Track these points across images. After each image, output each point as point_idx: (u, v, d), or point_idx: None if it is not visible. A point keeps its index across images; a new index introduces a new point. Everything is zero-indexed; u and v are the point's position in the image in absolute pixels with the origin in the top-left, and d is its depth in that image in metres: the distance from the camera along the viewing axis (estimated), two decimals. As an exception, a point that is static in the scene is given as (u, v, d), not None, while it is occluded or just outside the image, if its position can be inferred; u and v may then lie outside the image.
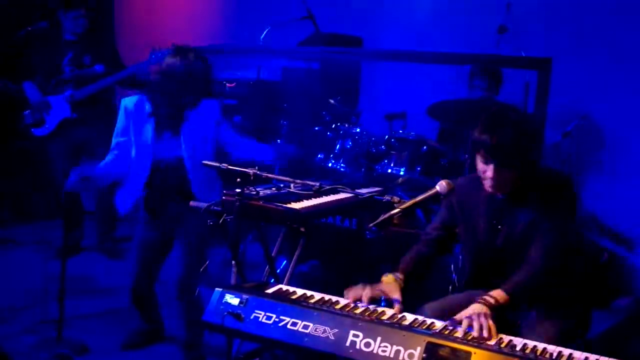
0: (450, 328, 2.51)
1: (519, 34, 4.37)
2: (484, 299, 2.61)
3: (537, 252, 2.74)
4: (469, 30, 5.34)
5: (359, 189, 3.70)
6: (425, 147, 4.61)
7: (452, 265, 3.99)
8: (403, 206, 2.59)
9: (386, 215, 2.58)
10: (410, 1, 5.83)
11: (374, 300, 2.70)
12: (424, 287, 3.67)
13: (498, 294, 2.64)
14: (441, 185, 2.69)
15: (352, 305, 2.67)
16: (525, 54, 4.28)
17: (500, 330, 2.50)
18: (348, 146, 4.75)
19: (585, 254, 4.51)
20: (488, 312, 2.54)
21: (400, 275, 2.83)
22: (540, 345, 2.38)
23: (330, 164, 4.74)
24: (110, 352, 3.95)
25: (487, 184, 2.76)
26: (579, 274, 2.99)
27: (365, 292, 2.69)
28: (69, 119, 5.18)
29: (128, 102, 3.73)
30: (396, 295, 2.72)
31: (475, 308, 2.57)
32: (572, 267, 2.87)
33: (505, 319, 2.67)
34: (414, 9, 5.78)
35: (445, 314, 2.69)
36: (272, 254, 3.61)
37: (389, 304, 2.72)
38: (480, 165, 2.75)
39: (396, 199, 2.61)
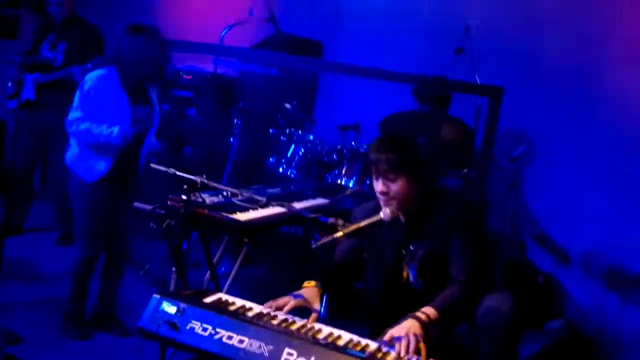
0: (384, 350, 2.57)
1: (475, 56, 4.44)
2: (416, 315, 2.69)
3: (459, 270, 2.87)
4: (427, 48, 5.40)
5: (306, 199, 3.73)
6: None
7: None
8: (346, 230, 2.64)
9: (329, 238, 2.63)
10: (372, 13, 5.85)
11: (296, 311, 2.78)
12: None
13: (429, 310, 2.74)
14: (385, 213, 2.76)
15: (289, 320, 2.70)
16: (479, 79, 4.36)
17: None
18: (300, 153, 4.75)
19: (523, 276, 4.65)
20: (419, 330, 2.62)
21: (319, 283, 2.93)
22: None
23: (281, 169, 4.73)
24: (46, 344, 3.87)
25: (382, 201, 2.90)
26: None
27: (288, 305, 2.75)
28: (31, 101, 5.25)
29: (94, 76, 3.77)
30: (315, 304, 2.83)
31: (407, 325, 2.64)
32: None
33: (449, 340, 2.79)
34: (375, 21, 5.82)
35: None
36: (215, 259, 3.62)
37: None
38: (374, 184, 2.91)
39: (340, 222, 2.67)
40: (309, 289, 2.89)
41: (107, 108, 3.73)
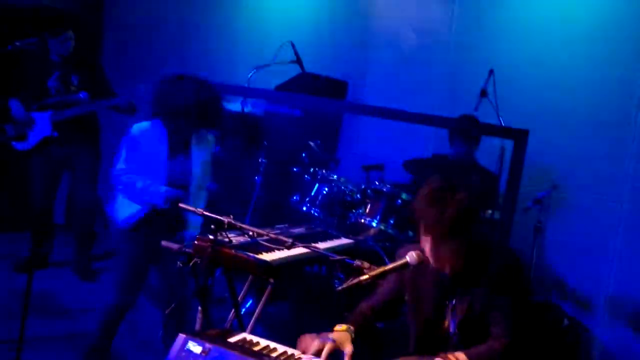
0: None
1: (499, 99, 4.46)
2: (447, 357, 2.66)
3: (500, 332, 2.81)
4: (451, 89, 5.45)
5: (331, 239, 3.76)
6: (399, 201, 4.67)
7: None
8: (372, 274, 2.64)
9: (354, 281, 2.64)
10: (396, 54, 5.92)
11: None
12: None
13: (460, 355, 2.69)
14: (411, 257, 2.74)
15: (313, 362, 2.71)
16: (503, 121, 4.38)
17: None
18: (324, 192, 4.79)
19: (547, 319, 4.60)
20: None
21: (352, 327, 2.89)
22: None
23: (304, 208, 4.77)
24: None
25: (429, 256, 2.80)
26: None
27: (325, 349, 2.72)
28: (50, 137, 5.25)
29: (139, 129, 3.81)
30: (347, 346, 2.76)
31: None
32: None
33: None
34: (399, 62, 5.89)
35: None
36: (239, 297, 3.63)
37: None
38: (421, 235, 2.79)
39: (366, 265, 2.67)
40: (340, 333, 2.85)
41: (147, 161, 3.77)
